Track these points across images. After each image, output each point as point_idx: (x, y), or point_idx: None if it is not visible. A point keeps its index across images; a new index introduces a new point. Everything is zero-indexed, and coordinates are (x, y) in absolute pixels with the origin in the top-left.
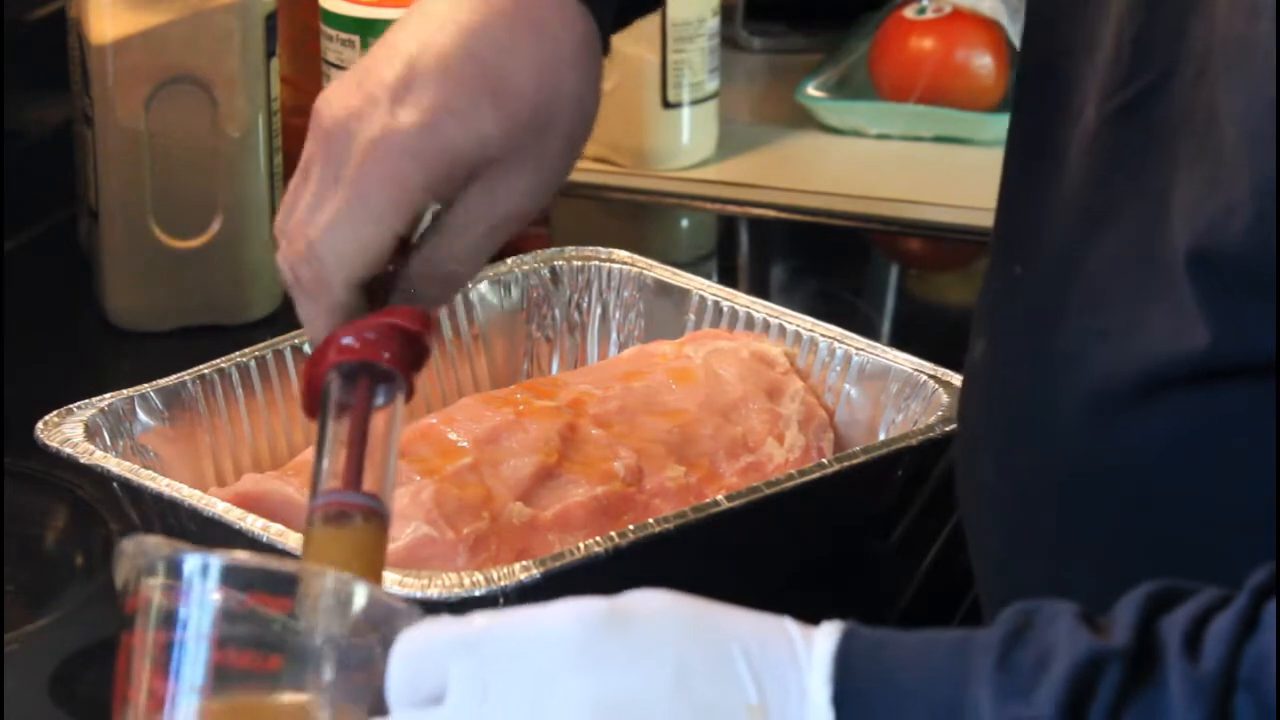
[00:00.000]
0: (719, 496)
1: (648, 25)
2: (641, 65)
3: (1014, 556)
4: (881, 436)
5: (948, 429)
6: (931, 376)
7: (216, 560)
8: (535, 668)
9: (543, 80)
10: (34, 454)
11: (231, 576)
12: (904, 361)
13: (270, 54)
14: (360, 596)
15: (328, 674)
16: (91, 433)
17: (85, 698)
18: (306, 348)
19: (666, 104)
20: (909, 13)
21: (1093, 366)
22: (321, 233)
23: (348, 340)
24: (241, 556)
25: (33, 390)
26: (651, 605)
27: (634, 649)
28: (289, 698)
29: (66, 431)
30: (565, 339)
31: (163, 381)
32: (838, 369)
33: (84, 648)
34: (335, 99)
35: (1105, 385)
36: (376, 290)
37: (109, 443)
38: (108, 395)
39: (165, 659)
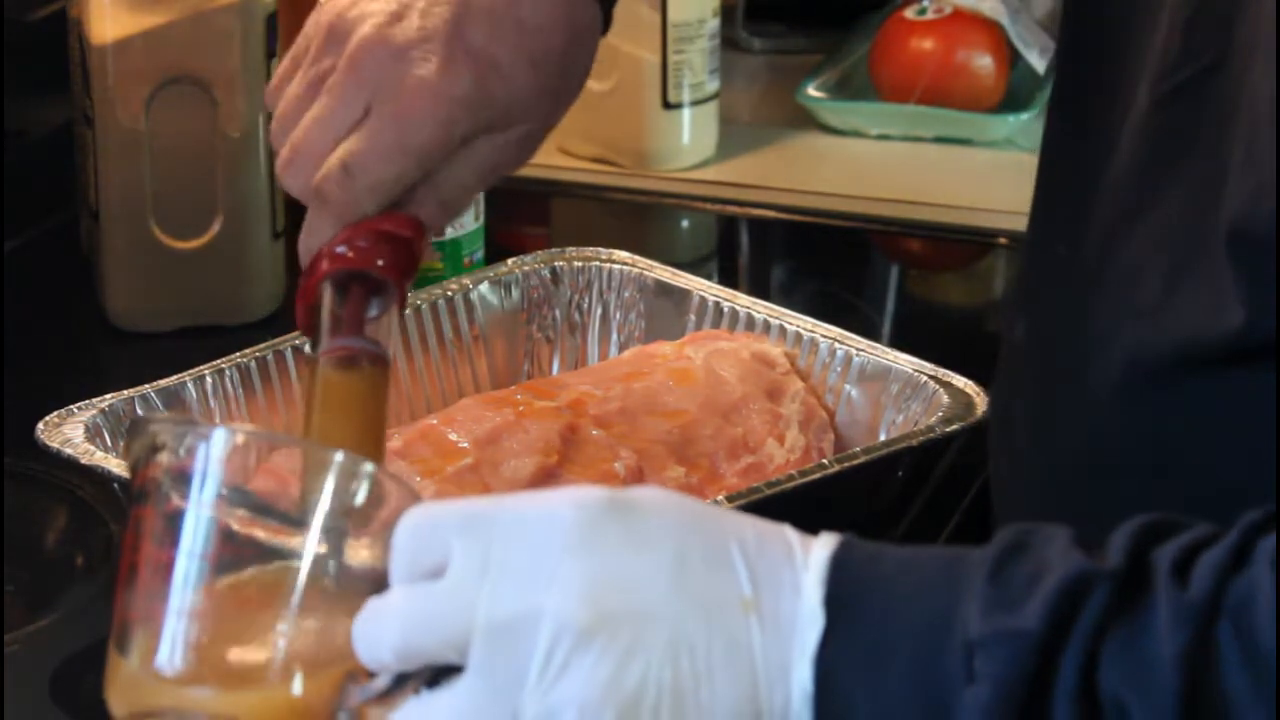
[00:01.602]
0: (719, 497)
1: (648, 26)
2: (642, 66)
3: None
4: (882, 437)
5: (948, 429)
6: (932, 377)
7: (223, 433)
8: (536, 545)
9: (571, 53)
10: (34, 454)
11: (238, 450)
12: (904, 362)
13: (270, 54)
14: (366, 474)
15: (331, 549)
16: (92, 433)
17: (85, 698)
18: (307, 348)
19: (667, 104)
20: (909, 13)
21: (1128, 342)
22: (359, 160)
23: (341, 249)
24: (249, 429)
25: (33, 390)
26: (654, 497)
27: (633, 535)
28: (292, 570)
29: (67, 432)
30: (566, 339)
31: (163, 382)
32: (838, 369)
33: (84, 648)
34: (362, 18)
35: (1139, 361)
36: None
37: (109, 443)
38: (108, 396)
39: (173, 530)
